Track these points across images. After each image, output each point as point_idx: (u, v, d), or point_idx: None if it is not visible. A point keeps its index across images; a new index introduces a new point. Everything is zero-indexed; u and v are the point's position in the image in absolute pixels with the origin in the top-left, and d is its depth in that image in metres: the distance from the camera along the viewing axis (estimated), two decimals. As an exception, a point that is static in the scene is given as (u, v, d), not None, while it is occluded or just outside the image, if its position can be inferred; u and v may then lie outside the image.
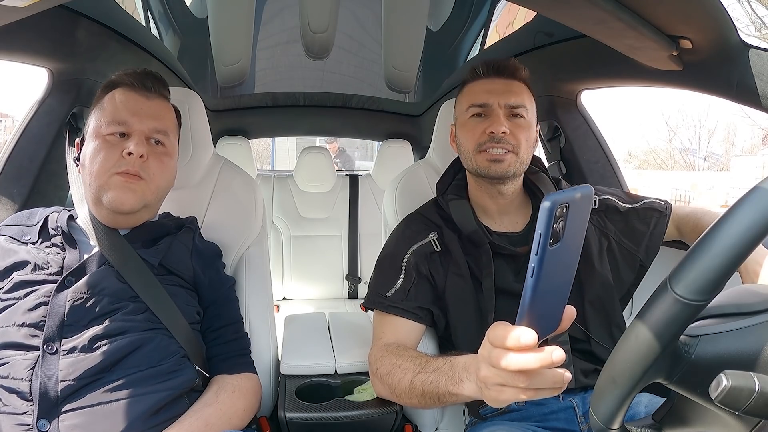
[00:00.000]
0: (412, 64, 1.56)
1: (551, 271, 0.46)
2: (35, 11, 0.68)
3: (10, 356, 0.70)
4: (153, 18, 1.38)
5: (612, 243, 0.96)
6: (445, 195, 0.97)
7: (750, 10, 6.97)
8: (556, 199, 0.43)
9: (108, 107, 0.82)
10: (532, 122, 0.93)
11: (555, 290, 0.50)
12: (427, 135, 2.07)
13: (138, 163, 0.79)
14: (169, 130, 0.85)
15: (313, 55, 1.55)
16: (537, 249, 0.44)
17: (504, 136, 0.88)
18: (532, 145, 0.93)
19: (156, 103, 0.85)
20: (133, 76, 0.84)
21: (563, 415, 0.89)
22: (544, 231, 0.43)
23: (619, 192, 1.03)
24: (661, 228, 0.97)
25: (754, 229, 0.41)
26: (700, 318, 0.48)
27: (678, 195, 8.68)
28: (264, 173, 2.44)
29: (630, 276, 0.97)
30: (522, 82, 0.94)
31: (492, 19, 1.39)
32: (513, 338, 0.50)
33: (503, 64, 0.93)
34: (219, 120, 2.17)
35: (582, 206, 0.46)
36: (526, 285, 0.46)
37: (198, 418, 0.75)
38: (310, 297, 2.32)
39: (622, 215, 0.98)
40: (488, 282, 0.88)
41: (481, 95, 0.92)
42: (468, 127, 0.93)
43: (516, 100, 0.91)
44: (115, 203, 0.78)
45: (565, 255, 0.47)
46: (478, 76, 0.94)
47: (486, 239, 0.90)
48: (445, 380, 0.68)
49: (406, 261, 0.91)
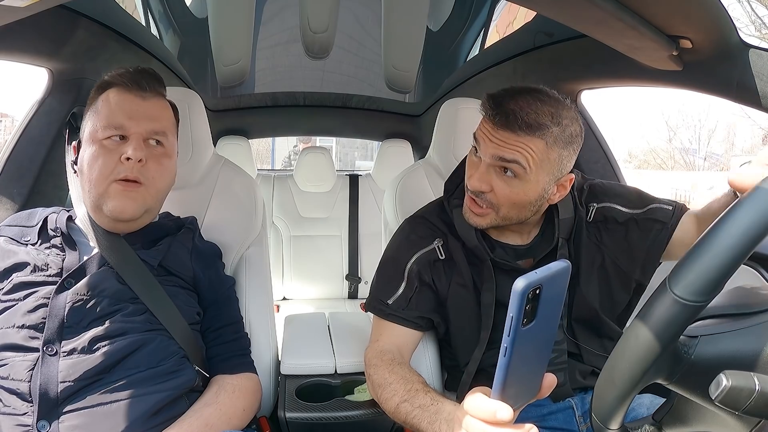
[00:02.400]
0: (412, 64, 1.56)
1: (526, 349, 0.46)
2: (35, 11, 0.68)
3: (9, 357, 0.70)
4: (153, 18, 1.38)
5: (606, 260, 0.89)
6: (451, 199, 0.92)
7: (750, 10, 6.97)
8: (528, 282, 0.43)
9: (103, 110, 0.79)
10: (529, 179, 0.78)
11: (531, 363, 0.50)
12: (427, 135, 2.07)
13: (137, 168, 0.77)
14: (168, 130, 0.83)
15: (313, 55, 1.55)
16: (509, 331, 0.44)
17: (482, 195, 0.80)
18: (529, 202, 0.81)
19: (152, 102, 0.82)
20: (126, 76, 0.81)
21: (562, 416, 0.89)
22: (516, 314, 0.44)
23: (626, 192, 0.92)
24: (661, 242, 0.87)
25: (754, 229, 0.41)
26: (699, 318, 0.48)
27: (678, 195, 8.70)
28: (264, 173, 2.44)
29: (624, 297, 0.90)
30: (529, 133, 0.76)
31: (492, 19, 1.39)
32: (489, 412, 0.51)
33: (513, 116, 0.75)
34: (219, 120, 2.17)
35: (557, 284, 0.46)
36: (500, 363, 0.46)
37: (198, 418, 0.75)
38: (310, 297, 2.32)
39: (621, 226, 0.89)
40: (488, 297, 0.86)
41: (480, 135, 0.81)
42: (468, 163, 0.85)
43: (508, 153, 0.77)
44: (116, 212, 0.77)
45: (539, 332, 0.47)
46: (488, 116, 0.80)
47: (487, 256, 0.86)
48: (426, 423, 0.69)
49: (408, 269, 0.89)
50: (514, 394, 0.51)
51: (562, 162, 0.79)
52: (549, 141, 0.76)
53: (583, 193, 0.92)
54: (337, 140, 9.42)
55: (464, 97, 1.19)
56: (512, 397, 0.51)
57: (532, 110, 0.75)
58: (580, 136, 0.81)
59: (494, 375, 0.48)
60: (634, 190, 0.94)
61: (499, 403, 0.50)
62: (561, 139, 0.77)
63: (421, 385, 0.76)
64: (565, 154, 0.79)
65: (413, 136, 2.37)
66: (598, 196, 0.91)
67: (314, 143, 5.19)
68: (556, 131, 0.76)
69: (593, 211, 0.90)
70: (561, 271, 0.46)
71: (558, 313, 0.50)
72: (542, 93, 0.79)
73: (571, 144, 0.79)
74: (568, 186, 0.84)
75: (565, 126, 0.77)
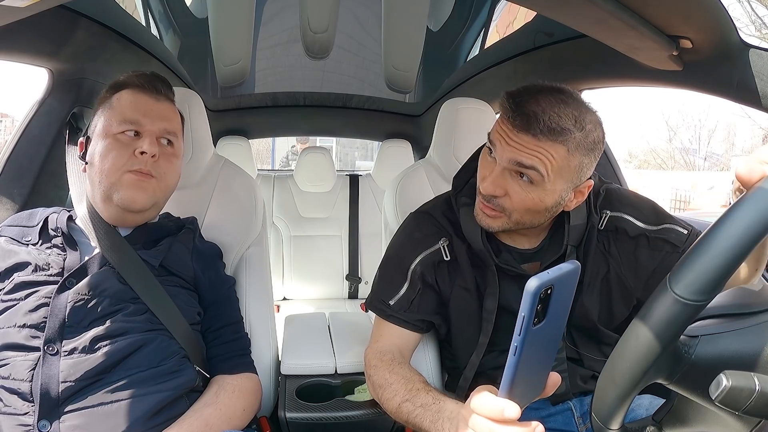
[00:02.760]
0: (412, 64, 1.56)
1: (534, 348, 0.47)
2: (35, 11, 0.68)
3: (10, 357, 0.70)
4: (153, 18, 1.38)
5: (611, 272, 0.85)
6: (458, 196, 0.88)
7: (750, 10, 6.98)
8: (541, 283, 0.43)
9: (117, 107, 0.83)
10: (546, 186, 0.74)
11: (538, 362, 0.51)
12: (427, 135, 2.07)
13: (150, 163, 0.80)
14: (177, 132, 0.87)
15: (313, 55, 1.55)
16: (520, 330, 0.45)
17: (495, 199, 0.77)
18: (545, 209, 0.77)
19: (164, 105, 0.86)
20: (142, 78, 0.86)
21: (561, 418, 0.89)
22: (528, 313, 0.44)
23: (641, 204, 0.87)
24: (668, 266, 0.80)
25: (754, 229, 0.41)
26: (700, 318, 0.48)
27: (678, 195, 8.72)
28: (264, 173, 2.44)
29: (623, 311, 0.87)
30: (551, 138, 0.71)
31: (492, 19, 1.39)
32: (497, 410, 0.51)
33: (535, 119, 0.71)
34: (219, 120, 2.17)
35: (567, 284, 0.47)
36: (509, 362, 0.47)
37: (198, 418, 0.75)
38: (310, 297, 2.32)
39: (631, 240, 0.84)
40: (490, 303, 0.84)
41: (496, 137, 0.76)
42: (481, 163, 0.82)
43: (527, 159, 0.72)
44: (127, 201, 0.79)
45: (548, 331, 0.48)
46: (506, 117, 0.75)
47: (492, 261, 0.83)
48: (429, 422, 0.68)
49: (412, 270, 0.87)
50: (521, 393, 0.51)
51: (582, 169, 0.75)
52: (571, 147, 0.71)
53: (599, 197, 0.87)
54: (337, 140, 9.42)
55: (464, 97, 1.19)
56: (519, 396, 0.51)
57: (554, 113, 0.70)
58: (602, 141, 0.76)
59: (497, 377, 0.49)
60: (649, 204, 0.89)
61: (507, 401, 0.50)
62: (583, 146, 0.72)
63: (422, 384, 0.76)
64: (586, 162, 0.74)
65: (413, 136, 2.37)
66: (613, 204, 0.87)
67: (314, 143, 5.21)
68: (579, 137, 0.71)
69: (606, 219, 0.85)
70: (571, 271, 0.47)
71: (566, 313, 0.50)
72: (565, 94, 0.74)
73: (593, 151, 0.75)
74: (586, 192, 0.80)
75: (588, 131, 0.72)
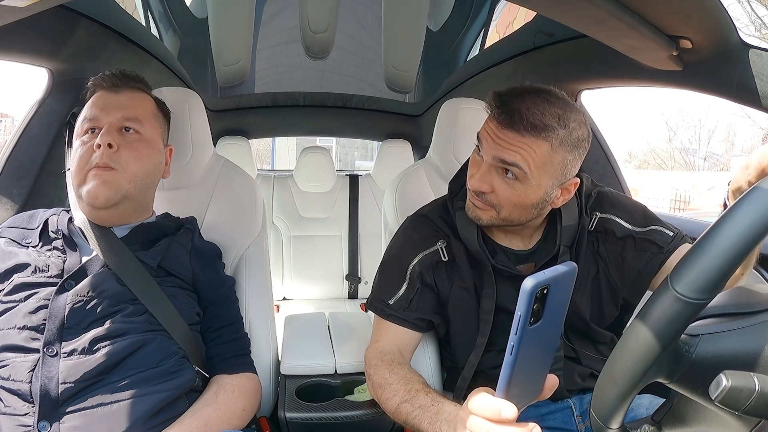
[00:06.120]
0: (412, 64, 1.56)
1: (531, 348, 0.47)
2: (35, 11, 0.68)
3: (10, 358, 0.70)
4: (153, 18, 1.38)
5: (600, 272, 0.88)
6: (455, 200, 0.90)
7: (750, 10, 6.98)
8: (537, 282, 0.43)
9: (84, 111, 0.85)
10: (530, 182, 0.76)
11: (536, 363, 0.51)
12: (427, 135, 2.07)
13: (107, 154, 0.79)
14: (142, 117, 0.86)
15: (313, 55, 1.55)
16: (516, 329, 0.45)
17: (483, 195, 0.80)
18: (531, 205, 0.79)
19: (124, 94, 0.86)
20: (103, 77, 0.87)
21: (560, 416, 0.89)
22: (524, 313, 0.44)
23: (631, 207, 0.90)
24: (653, 266, 0.84)
25: (755, 228, 0.41)
26: (700, 317, 0.48)
27: (678, 195, 8.72)
28: (264, 173, 2.44)
29: (613, 311, 0.89)
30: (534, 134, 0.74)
31: (492, 19, 1.39)
32: (494, 411, 0.51)
33: (519, 116, 0.74)
34: (219, 120, 2.17)
35: (564, 285, 0.47)
36: (506, 361, 0.47)
37: (197, 418, 0.75)
38: (310, 297, 2.32)
39: (619, 241, 0.87)
40: (487, 303, 0.85)
41: (483, 135, 0.79)
42: (470, 161, 0.84)
43: (509, 155, 0.75)
44: (90, 197, 0.79)
45: (545, 331, 0.47)
46: (492, 115, 0.78)
47: (488, 262, 0.85)
48: (427, 423, 0.69)
49: (411, 269, 0.88)
50: (518, 394, 0.51)
51: (566, 166, 0.77)
52: (554, 144, 0.74)
53: (590, 199, 0.90)
54: (337, 140, 9.42)
55: (464, 97, 1.19)
56: (516, 397, 0.51)
57: (538, 111, 0.73)
58: (587, 140, 0.79)
59: (496, 376, 0.49)
60: (640, 207, 0.91)
61: (504, 401, 0.50)
62: (567, 143, 0.75)
63: (422, 385, 0.76)
64: (570, 158, 0.77)
65: (413, 136, 2.37)
66: (603, 206, 0.89)
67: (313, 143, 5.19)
68: (563, 134, 0.74)
69: (595, 220, 0.88)
70: (568, 272, 0.47)
71: (563, 314, 0.50)
72: (550, 94, 0.77)
73: (577, 148, 0.77)
74: (573, 190, 0.82)
75: (572, 129, 0.75)
